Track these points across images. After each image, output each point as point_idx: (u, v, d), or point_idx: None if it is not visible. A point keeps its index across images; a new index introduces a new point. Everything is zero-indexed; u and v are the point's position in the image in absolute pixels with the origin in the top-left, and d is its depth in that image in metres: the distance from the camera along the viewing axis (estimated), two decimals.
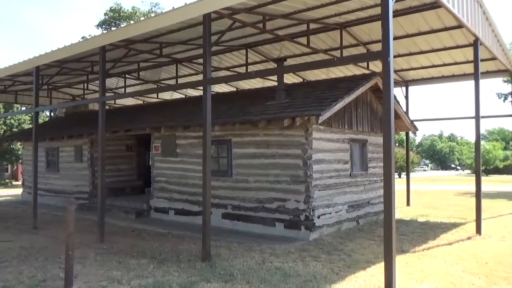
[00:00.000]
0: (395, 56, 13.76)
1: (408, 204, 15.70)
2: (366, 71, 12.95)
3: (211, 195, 11.21)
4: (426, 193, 21.46)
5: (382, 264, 6.73)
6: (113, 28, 9.55)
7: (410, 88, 16.16)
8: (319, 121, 8.93)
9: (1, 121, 34.01)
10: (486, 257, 7.58)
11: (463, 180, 38.33)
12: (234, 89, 17.95)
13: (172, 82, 17.82)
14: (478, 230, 9.70)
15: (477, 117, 9.88)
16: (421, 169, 78.73)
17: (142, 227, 11.42)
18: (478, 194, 9.88)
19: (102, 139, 9.69)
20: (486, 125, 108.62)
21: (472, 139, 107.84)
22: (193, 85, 9.15)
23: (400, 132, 14.43)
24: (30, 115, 39.69)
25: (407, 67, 14.70)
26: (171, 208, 12.39)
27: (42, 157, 17.70)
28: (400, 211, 13.68)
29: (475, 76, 9.88)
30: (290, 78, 15.92)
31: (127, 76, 17.15)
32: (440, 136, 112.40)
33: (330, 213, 10.09)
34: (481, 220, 9.76)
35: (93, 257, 7.94)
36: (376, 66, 13.86)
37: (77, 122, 17.65)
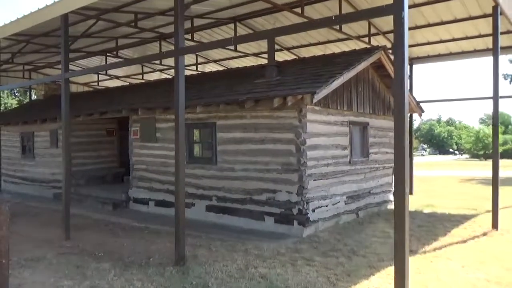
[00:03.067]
0: None
1: (411, 192, 14.54)
2: (368, 46, 11.64)
3: (194, 185, 10.10)
4: (428, 180, 20.35)
5: (388, 270, 5.62)
6: None
7: (414, 66, 14.84)
8: (315, 101, 7.66)
9: None
10: (511, 260, 6.44)
11: (463, 165, 37.33)
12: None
13: (157, 61, 16.50)
14: (495, 225, 8.55)
15: (495, 97, 8.64)
16: (419, 153, 77.73)
17: (117, 220, 10.25)
18: (495, 182, 8.67)
19: (66, 121, 8.43)
20: (485, 109, 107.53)
21: (470, 123, 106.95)
22: (162, 56, 7.85)
23: None
24: (16, 98, 38.14)
25: (412, 43, 13.35)
26: (151, 199, 11.19)
27: (17, 142, 16.46)
28: None
29: (494, 50, 8.59)
30: (283, 56, 14.61)
31: (108, 55, 15.80)
32: (439, 121, 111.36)
33: (327, 206, 8.92)
34: (498, 213, 8.61)
35: (49, 259, 6.77)
36: (377, 41, 12.56)
37: (55, 104, 16.29)
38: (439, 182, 19.59)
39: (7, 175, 17.23)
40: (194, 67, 16.96)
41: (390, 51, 11.18)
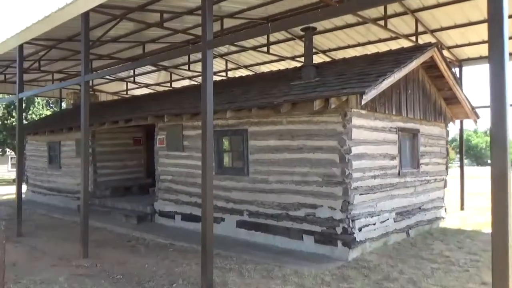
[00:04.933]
0: (448, 28, 11.27)
1: (462, 207, 13.13)
2: (416, 44, 10.51)
3: (224, 198, 9.20)
4: (474, 194, 18.61)
5: None
6: None
7: (464, 69, 13.49)
8: (363, 102, 6.63)
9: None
10: None
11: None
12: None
13: (186, 67, 15.87)
14: None
15: None
16: (456, 165, 74.38)
17: (141, 235, 9.48)
18: None
19: (85, 128, 7.73)
20: None
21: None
22: (189, 51, 7.06)
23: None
24: (51, 109, 38.74)
25: (462, 42, 12.11)
26: (178, 213, 10.37)
27: (45, 152, 16.15)
28: (456, 218, 11.20)
29: None
30: (317, 60, 13.59)
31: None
32: (475, 131, 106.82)
33: (375, 224, 7.80)
34: None
35: (61, 283, 6.01)
36: (424, 41, 11.39)
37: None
38: (488, 197, 17.84)
39: (34, 186, 16.94)
40: (224, 74, 16.24)
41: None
